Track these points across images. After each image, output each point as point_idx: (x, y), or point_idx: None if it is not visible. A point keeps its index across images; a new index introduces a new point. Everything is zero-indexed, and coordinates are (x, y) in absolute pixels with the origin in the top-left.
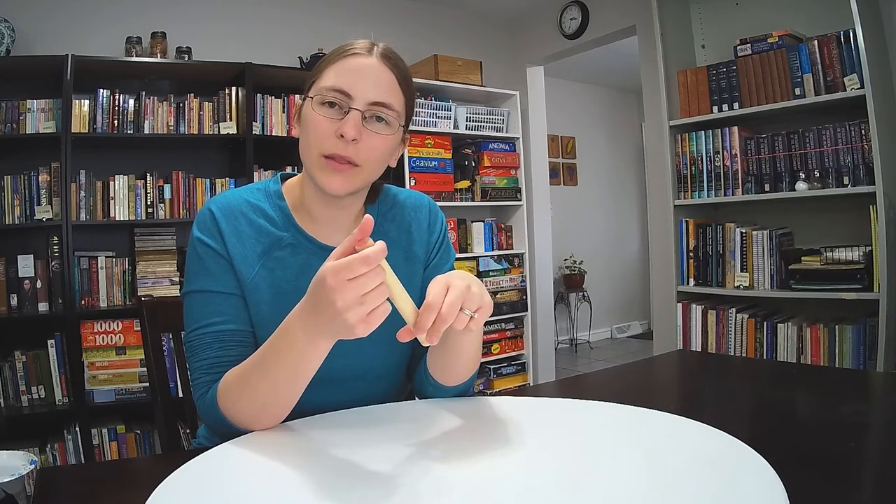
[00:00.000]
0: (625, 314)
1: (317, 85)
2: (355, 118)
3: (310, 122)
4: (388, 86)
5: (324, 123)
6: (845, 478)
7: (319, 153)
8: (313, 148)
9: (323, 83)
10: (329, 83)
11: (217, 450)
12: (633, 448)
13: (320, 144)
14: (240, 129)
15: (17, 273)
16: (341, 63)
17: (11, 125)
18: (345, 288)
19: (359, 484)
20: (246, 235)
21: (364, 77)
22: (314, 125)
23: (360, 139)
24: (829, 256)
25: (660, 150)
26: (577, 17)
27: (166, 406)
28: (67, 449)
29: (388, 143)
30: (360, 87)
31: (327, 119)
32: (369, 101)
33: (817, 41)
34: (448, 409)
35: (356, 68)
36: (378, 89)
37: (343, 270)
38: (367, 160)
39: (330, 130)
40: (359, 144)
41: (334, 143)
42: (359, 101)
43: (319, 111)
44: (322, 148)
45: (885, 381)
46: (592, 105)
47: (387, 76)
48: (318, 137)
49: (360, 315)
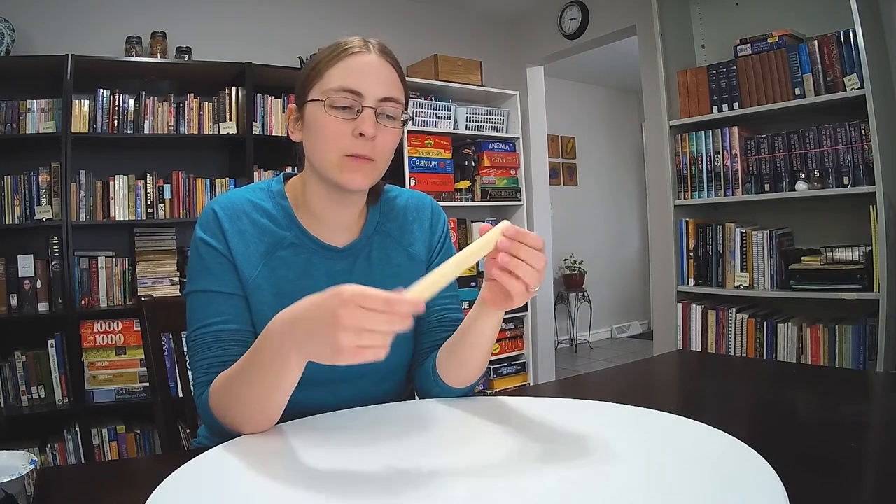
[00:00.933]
0: (625, 314)
1: (320, 87)
2: (371, 116)
3: (323, 125)
4: (392, 80)
5: (340, 125)
6: (845, 478)
7: (341, 154)
8: (332, 150)
9: (328, 85)
10: (336, 84)
11: (217, 450)
12: (633, 448)
13: (340, 146)
14: (240, 129)
15: (17, 273)
16: (344, 63)
17: (11, 125)
18: (357, 312)
19: (359, 484)
20: (249, 235)
21: (370, 75)
22: (330, 128)
23: (377, 135)
24: (829, 256)
25: (660, 150)
26: (577, 17)
27: (166, 406)
28: (67, 449)
29: (397, 135)
30: (368, 85)
31: (342, 120)
32: (379, 98)
33: (817, 41)
34: (448, 409)
35: (360, 67)
36: (385, 85)
37: (361, 297)
38: (381, 154)
39: (347, 131)
40: (375, 140)
41: (353, 142)
42: (370, 99)
43: (333, 113)
44: (342, 149)
45: (885, 381)
46: (592, 105)
47: (388, 71)
48: (336, 139)
49: (352, 342)
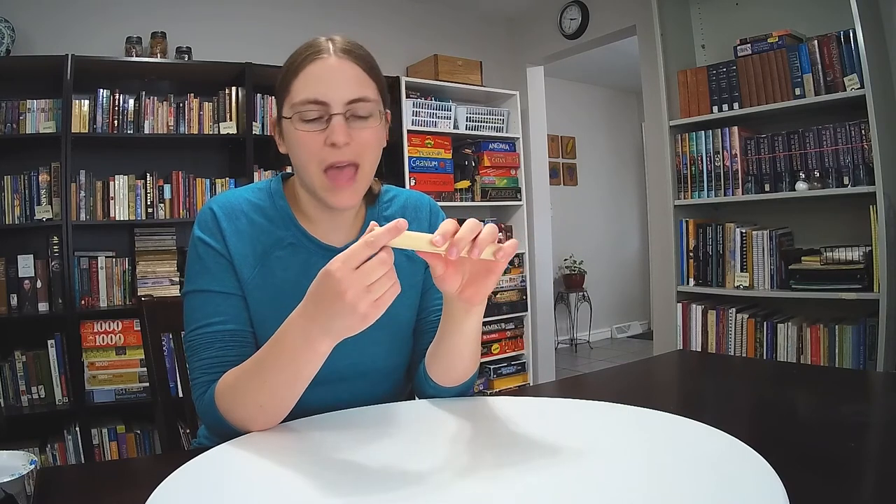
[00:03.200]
0: (625, 314)
1: (289, 102)
2: (339, 123)
3: (297, 141)
4: (358, 80)
5: (312, 138)
6: (845, 478)
7: (319, 168)
8: (310, 165)
9: (295, 98)
10: (300, 97)
11: (217, 450)
12: (633, 448)
13: (316, 159)
14: (240, 129)
15: (17, 273)
16: (304, 73)
17: (11, 125)
18: (352, 277)
19: (358, 484)
20: (247, 235)
21: (332, 80)
22: (303, 144)
23: (351, 140)
24: (829, 256)
25: (660, 150)
26: (577, 17)
27: (166, 406)
28: (67, 449)
29: (376, 132)
30: (331, 91)
31: (313, 133)
32: (346, 102)
33: (817, 41)
34: (448, 409)
35: (321, 74)
36: (350, 87)
37: (349, 259)
38: (363, 155)
39: (319, 143)
40: (351, 145)
41: (329, 152)
42: (336, 106)
43: (302, 128)
44: (321, 161)
45: (885, 381)
46: (592, 105)
47: (353, 71)
48: (311, 154)
49: (368, 302)
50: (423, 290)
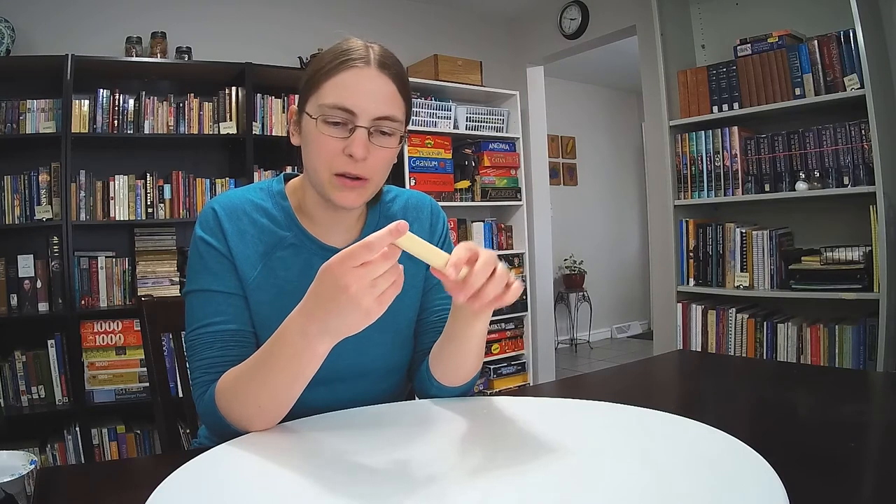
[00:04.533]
0: (625, 314)
1: (316, 100)
2: (362, 137)
3: (315, 141)
4: (390, 98)
5: (331, 143)
6: (845, 478)
7: (330, 172)
8: (323, 167)
9: (323, 100)
10: (330, 100)
11: (217, 450)
12: (633, 448)
13: (330, 164)
14: (240, 129)
15: (17, 273)
16: (340, 77)
17: (11, 125)
18: (356, 272)
19: (358, 484)
20: (248, 235)
21: (365, 93)
22: (321, 145)
23: (369, 156)
24: (829, 256)
25: (660, 150)
26: (577, 17)
27: (166, 406)
28: (67, 449)
29: (393, 153)
30: (362, 103)
31: (333, 139)
32: (374, 118)
33: (817, 41)
34: (448, 408)
35: (356, 83)
36: (381, 104)
37: (347, 259)
38: (374, 172)
39: (337, 150)
40: (368, 160)
41: (344, 161)
42: (363, 119)
43: (325, 130)
44: (332, 167)
45: (885, 381)
46: (592, 105)
47: (388, 88)
48: (327, 157)
49: (372, 297)
50: (425, 289)
